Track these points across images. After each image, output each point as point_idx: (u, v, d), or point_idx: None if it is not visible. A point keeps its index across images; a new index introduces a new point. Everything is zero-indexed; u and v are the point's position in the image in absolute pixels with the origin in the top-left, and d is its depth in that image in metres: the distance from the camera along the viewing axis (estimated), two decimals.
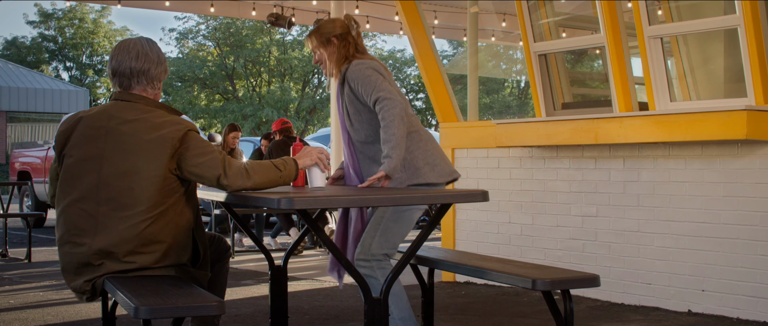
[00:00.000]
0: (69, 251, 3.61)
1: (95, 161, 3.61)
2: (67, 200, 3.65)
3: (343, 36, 4.29)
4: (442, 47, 36.86)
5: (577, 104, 6.88)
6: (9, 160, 16.13)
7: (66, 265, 3.64)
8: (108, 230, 3.55)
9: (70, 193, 3.64)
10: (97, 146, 3.63)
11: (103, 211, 3.56)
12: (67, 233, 3.63)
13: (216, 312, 3.12)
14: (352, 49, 4.29)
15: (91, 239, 3.55)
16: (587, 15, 6.89)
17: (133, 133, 3.60)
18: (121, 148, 3.60)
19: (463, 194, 3.73)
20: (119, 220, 3.55)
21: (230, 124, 10.33)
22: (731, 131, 5.00)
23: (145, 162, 3.56)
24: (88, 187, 3.60)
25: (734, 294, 5.30)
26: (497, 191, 6.70)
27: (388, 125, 4.02)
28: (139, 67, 3.67)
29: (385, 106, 4.04)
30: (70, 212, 3.63)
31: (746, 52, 5.33)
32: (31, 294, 6.47)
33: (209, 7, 11.26)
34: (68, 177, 3.65)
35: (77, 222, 3.60)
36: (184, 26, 38.86)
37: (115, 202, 3.56)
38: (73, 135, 3.68)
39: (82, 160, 3.63)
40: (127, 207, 3.55)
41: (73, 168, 3.65)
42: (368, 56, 4.29)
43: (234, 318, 5.41)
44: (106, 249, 3.53)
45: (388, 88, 4.08)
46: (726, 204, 5.35)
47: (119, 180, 3.56)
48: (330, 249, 3.60)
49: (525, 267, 3.95)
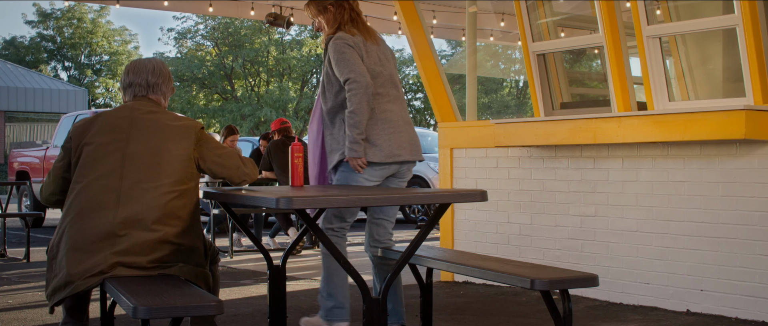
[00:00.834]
0: (84, 226, 3.64)
1: (120, 142, 3.78)
2: (84, 182, 3.73)
3: (339, 3, 4.51)
4: (440, 47, 36.88)
5: (576, 104, 6.88)
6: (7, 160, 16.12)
7: (77, 242, 3.62)
8: (133, 201, 3.66)
9: (88, 175, 3.74)
10: (121, 131, 3.80)
11: (127, 184, 3.69)
12: (84, 210, 3.67)
13: (214, 312, 3.13)
14: (347, 16, 4.50)
15: (114, 211, 3.64)
16: (586, 15, 6.89)
17: (157, 120, 3.85)
18: (147, 129, 3.81)
19: (462, 194, 3.73)
20: (144, 191, 3.68)
21: (228, 126, 10.32)
22: (730, 131, 5.00)
23: (172, 142, 3.79)
24: (110, 166, 3.73)
25: (733, 293, 5.30)
26: (496, 191, 6.70)
27: (353, 111, 4.32)
28: (154, 81, 3.99)
29: (352, 89, 4.32)
30: (89, 190, 3.70)
31: (745, 51, 5.33)
32: (30, 294, 6.47)
33: (208, 6, 11.25)
34: (88, 162, 3.77)
35: (96, 197, 3.68)
36: (183, 26, 38.92)
37: (141, 174, 3.71)
38: (93, 126, 3.84)
39: (105, 144, 3.78)
40: (153, 179, 3.70)
41: (93, 153, 3.77)
42: (357, 29, 4.48)
43: (232, 318, 5.41)
44: (134, 217, 3.63)
45: (358, 69, 4.32)
46: (725, 203, 5.35)
47: (145, 156, 3.74)
48: (330, 250, 3.60)
49: (523, 267, 3.95)
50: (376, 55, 4.51)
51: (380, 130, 4.44)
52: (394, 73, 4.65)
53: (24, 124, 32.26)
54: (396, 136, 4.48)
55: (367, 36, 4.52)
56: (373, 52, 4.49)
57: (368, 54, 4.45)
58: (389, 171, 4.54)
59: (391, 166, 4.52)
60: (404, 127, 4.55)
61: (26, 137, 31.82)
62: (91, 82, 41.29)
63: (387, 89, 4.52)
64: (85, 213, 3.68)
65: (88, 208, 3.68)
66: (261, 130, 34.36)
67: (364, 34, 4.51)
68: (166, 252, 3.68)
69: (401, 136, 4.50)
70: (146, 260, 3.63)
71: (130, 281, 3.53)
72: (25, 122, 32.36)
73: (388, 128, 4.47)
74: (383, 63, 4.54)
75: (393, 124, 4.49)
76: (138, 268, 3.63)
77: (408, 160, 4.55)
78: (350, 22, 4.51)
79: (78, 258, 3.62)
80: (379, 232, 4.67)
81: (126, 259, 3.62)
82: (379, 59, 4.51)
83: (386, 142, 4.44)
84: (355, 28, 4.50)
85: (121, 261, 3.61)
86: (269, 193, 3.61)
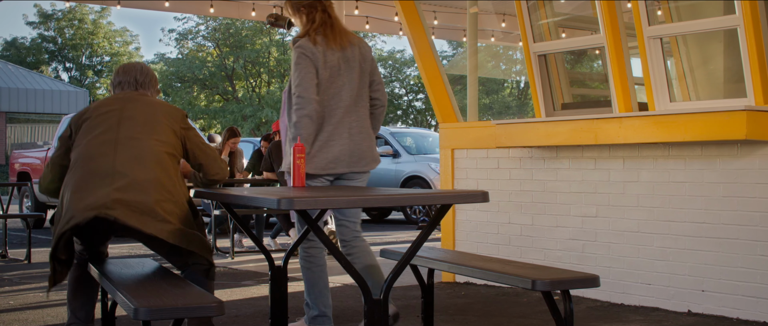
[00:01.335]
0: (84, 171, 3.94)
1: (115, 112, 4.14)
2: (82, 143, 4.07)
3: (311, 6, 4.57)
4: (441, 48, 36.88)
5: (577, 104, 6.88)
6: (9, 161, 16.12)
7: (79, 184, 3.89)
8: (129, 148, 3.99)
9: (86, 137, 4.07)
10: (115, 105, 4.18)
11: (123, 136, 4.03)
12: (83, 159, 3.99)
13: (216, 313, 3.13)
14: (318, 21, 4.55)
15: (112, 156, 3.96)
16: (587, 15, 6.89)
17: (148, 99, 4.26)
18: (140, 103, 4.20)
19: (463, 194, 3.73)
20: (139, 141, 4.02)
21: (229, 128, 10.31)
22: (731, 131, 5.00)
23: (163, 115, 4.16)
24: (107, 126, 4.08)
25: (734, 294, 5.30)
26: (497, 191, 6.70)
27: (295, 124, 4.45)
28: (142, 79, 4.37)
29: (296, 105, 4.47)
30: (88, 146, 4.04)
31: (746, 52, 5.33)
32: (31, 295, 6.47)
33: (209, 7, 11.25)
34: (85, 130, 4.11)
35: (95, 149, 4.00)
36: (184, 27, 38.91)
37: (136, 130, 4.06)
38: (88, 111, 4.22)
39: (101, 115, 4.14)
40: (147, 133, 4.06)
41: (90, 123, 4.12)
42: (323, 35, 4.52)
43: (234, 319, 5.41)
44: (131, 159, 3.95)
45: (306, 84, 4.43)
46: (726, 204, 5.35)
47: (140, 118, 4.11)
48: (330, 250, 3.60)
49: (525, 268, 3.95)
50: (337, 63, 4.51)
51: (320, 141, 4.50)
52: (359, 79, 4.61)
53: (25, 125, 32.27)
54: (334, 148, 4.52)
55: (333, 42, 4.53)
56: (334, 61, 4.50)
57: (325, 64, 4.47)
58: (328, 179, 4.60)
59: (328, 176, 4.59)
60: (348, 139, 4.56)
61: (27, 138, 31.83)
62: (92, 83, 41.32)
63: (343, 100, 4.54)
64: (85, 163, 3.97)
65: (87, 157, 3.98)
66: (262, 131, 34.35)
67: (330, 40, 4.52)
68: (163, 197, 3.88)
69: (341, 149, 4.53)
70: (147, 198, 3.83)
71: (131, 281, 3.53)
72: (26, 123, 32.37)
73: (329, 138, 4.51)
74: (342, 72, 4.54)
75: (336, 137, 4.53)
76: (138, 210, 3.80)
77: (344, 173, 4.58)
78: (320, 26, 4.54)
79: (79, 197, 3.84)
80: (344, 232, 4.72)
81: (126, 196, 3.80)
82: (338, 68, 4.52)
83: (322, 153, 4.50)
84: (320, 34, 4.52)
85: (121, 198, 3.79)
86: (270, 194, 3.61)
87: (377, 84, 4.71)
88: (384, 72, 39.18)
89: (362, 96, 4.64)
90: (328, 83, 4.50)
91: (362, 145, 4.60)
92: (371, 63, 4.68)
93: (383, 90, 4.76)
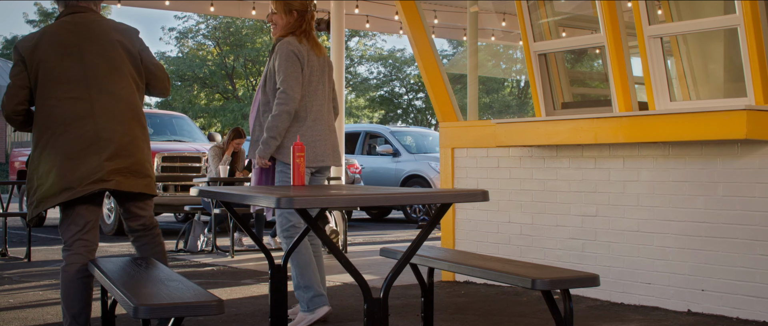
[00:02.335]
0: (69, 138, 4.05)
1: (74, 56, 4.12)
2: (52, 99, 4.09)
3: (301, 13, 4.98)
4: (441, 47, 36.87)
5: (577, 104, 6.87)
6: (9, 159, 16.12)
7: (68, 152, 4.05)
8: (106, 109, 4.11)
9: (55, 93, 4.10)
10: (72, 46, 4.13)
11: (95, 93, 4.11)
12: (63, 124, 4.07)
13: (216, 312, 3.13)
14: (305, 26, 4.98)
15: (92, 120, 4.08)
16: (587, 14, 6.89)
17: (103, 29, 4.20)
18: (97, 38, 4.17)
19: (463, 194, 3.73)
20: (111, 95, 4.13)
21: (235, 128, 10.33)
22: (731, 131, 5.00)
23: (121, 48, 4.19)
24: (75, 79, 4.10)
25: (734, 293, 5.30)
26: (497, 191, 6.70)
27: (275, 116, 4.85)
28: None
29: (280, 99, 4.85)
30: (62, 107, 4.08)
31: (746, 51, 5.33)
32: (31, 293, 6.47)
33: (209, 6, 11.26)
34: (49, 80, 4.11)
35: (71, 110, 4.08)
36: (184, 25, 38.88)
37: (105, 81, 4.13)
38: (41, 44, 4.13)
39: (61, 60, 4.11)
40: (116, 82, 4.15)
41: (52, 71, 4.10)
42: (306, 39, 4.97)
43: (233, 318, 5.41)
44: (111, 122, 4.10)
45: (292, 82, 4.84)
46: (726, 204, 5.35)
47: (103, 64, 4.14)
48: (330, 249, 3.60)
49: (524, 267, 3.95)
50: (317, 66, 5.00)
51: (306, 136, 4.94)
52: (328, 84, 5.13)
53: None
54: (321, 143, 4.99)
55: (315, 46, 5.01)
56: (315, 63, 4.98)
57: (309, 64, 4.93)
58: (309, 172, 5.04)
59: (312, 169, 5.04)
60: (329, 135, 5.06)
61: (27, 137, 31.77)
62: None
63: (318, 99, 5.02)
64: (66, 127, 4.07)
65: (67, 122, 4.07)
66: None
67: (311, 45, 4.99)
68: (142, 154, 4.21)
69: (325, 144, 5.01)
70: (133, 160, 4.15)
71: (130, 277, 3.53)
72: None
73: (314, 134, 4.98)
74: (319, 76, 5.03)
75: (319, 133, 5.00)
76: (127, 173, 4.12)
77: (329, 166, 5.10)
78: (304, 31, 4.98)
79: (71, 166, 4.04)
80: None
81: (117, 164, 4.09)
82: (319, 70, 5.02)
83: (311, 149, 4.95)
84: (305, 37, 4.98)
85: (114, 167, 4.08)
86: (270, 192, 3.61)
87: (334, 93, 5.26)
88: (384, 71, 39.17)
89: (330, 99, 5.17)
90: (308, 82, 4.96)
91: (336, 141, 5.14)
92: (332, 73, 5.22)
93: (337, 99, 5.30)
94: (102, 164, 4.05)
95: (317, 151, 4.96)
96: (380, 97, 39.55)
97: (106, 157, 4.07)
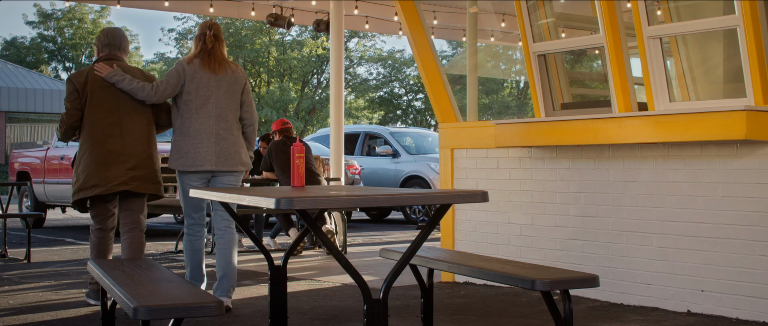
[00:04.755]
0: (102, 148, 5.56)
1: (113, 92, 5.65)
2: (93, 120, 5.60)
3: (198, 37, 5.75)
4: (441, 47, 36.88)
5: (577, 104, 6.88)
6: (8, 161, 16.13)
7: (101, 158, 5.55)
8: (130, 131, 5.61)
9: (96, 116, 5.60)
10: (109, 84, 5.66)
11: (125, 121, 5.62)
12: (100, 138, 5.57)
13: (215, 313, 3.13)
14: (199, 48, 5.70)
15: (120, 139, 5.59)
16: (586, 15, 6.89)
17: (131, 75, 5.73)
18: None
19: (463, 194, 3.73)
20: (135, 123, 5.65)
21: None
22: (730, 131, 5.00)
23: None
24: (110, 109, 5.60)
25: (733, 294, 5.30)
26: (496, 191, 6.70)
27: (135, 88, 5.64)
28: (121, 44, 5.88)
29: (147, 87, 5.65)
30: (101, 125, 5.58)
31: (745, 52, 5.33)
32: (31, 295, 6.47)
33: (208, 7, 11.25)
34: (93, 106, 5.61)
35: (106, 130, 5.58)
36: (184, 26, 38.82)
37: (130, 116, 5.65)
38: (88, 82, 5.63)
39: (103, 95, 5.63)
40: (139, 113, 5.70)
41: (96, 100, 5.61)
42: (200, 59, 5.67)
43: (233, 319, 5.41)
44: (133, 141, 5.62)
45: (161, 86, 5.62)
46: (725, 204, 5.35)
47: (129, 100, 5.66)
48: (329, 249, 3.60)
49: (524, 268, 3.95)
50: (206, 82, 5.60)
51: (184, 140, 5.60)
52: (223, 96, 5.65)
53: (25, 125, 32.26)
54: (201, 148, 5.56)
55: (207, 66, 5.63)
56: (203, 79, 5.60)
57: (193, 78, 5.58)
58: (204, 177, 5.67)
59: (203, 174, 5.66)
60: (215, 142, 5.59)
61: (27, 138, 31.80)
62: None
63: (205, 109, 5.58)
64: (101, 141, 5.57)
65: (102, 137, 5.58)
66: (262, 130, 34.34)
67: (205, 64, 5.63)
68: (154, 165, 5.69)
69: (207, 149, 5.57)
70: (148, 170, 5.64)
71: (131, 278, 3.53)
72: (26, 123, 32.36)
73: (194, 137, 5.57)
74: (211, 89, 5.62)
75: (200, 141, 5.58)
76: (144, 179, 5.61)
77: (212, 170, 5.63)
78: (199, 53, 5.67)
79: (102, 170, 5.54)
80: (217, 220, 5.75)
81: (136, 172, 5.59)
82: (207, 85, 5.61)
83: (189, 153, 5.57)
84: (199, 58, 5.65)
85: (134, 174, 5.58)
86: (270, 194, 3.61)
87: (247, 105, 5.76)
88: (384, 72, 39.18)
89: (232, 110, 5.67)
90: (193, 95, 5.58)
91: (229, 149, 5.61)
92: (244, 87, 5.77)
93: (252, 111, 5.77)
94: (125, 172, 5.57)
95: (197, 156, 5.55)
96: (380, 97, 39.57)
97: (128, 167, 5.59)
